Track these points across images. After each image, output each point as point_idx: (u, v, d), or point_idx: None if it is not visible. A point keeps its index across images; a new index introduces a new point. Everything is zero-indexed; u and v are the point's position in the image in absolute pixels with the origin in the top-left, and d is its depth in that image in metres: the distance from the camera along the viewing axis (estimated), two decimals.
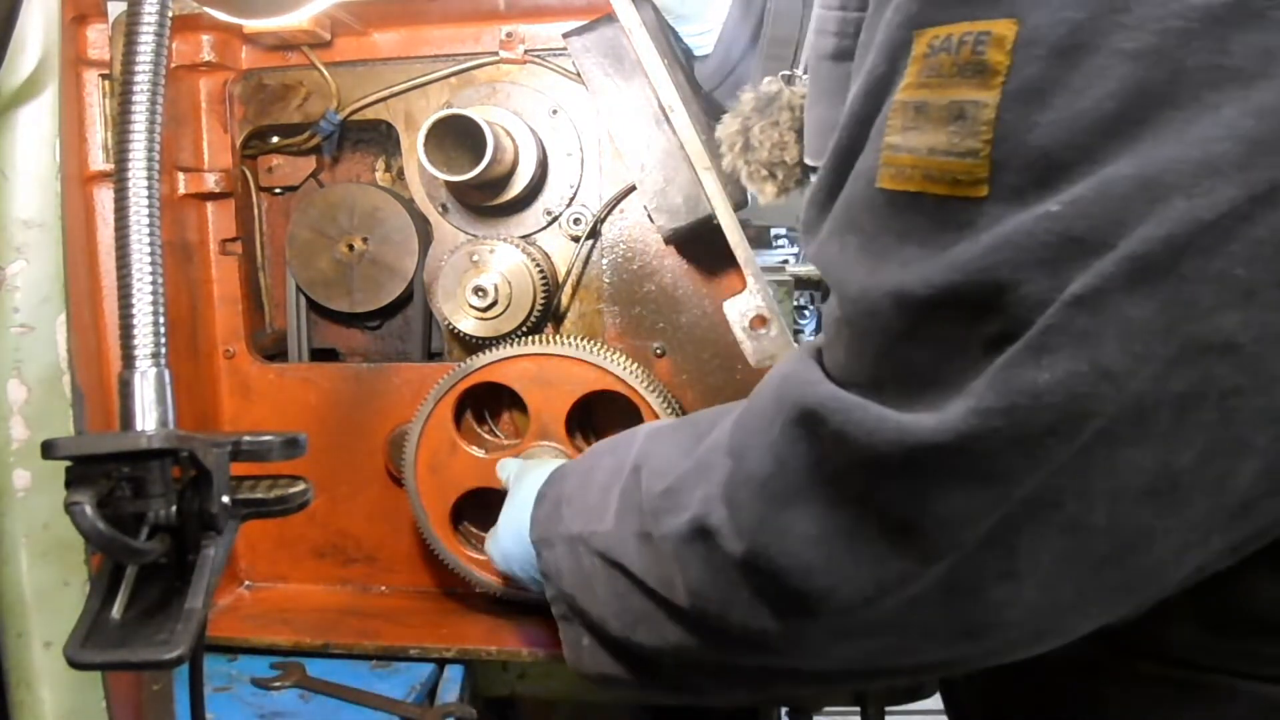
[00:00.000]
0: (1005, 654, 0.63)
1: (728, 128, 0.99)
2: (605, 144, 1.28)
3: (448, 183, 1.25)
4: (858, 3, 0.72)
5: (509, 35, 1.27)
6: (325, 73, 1.30)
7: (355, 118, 1.32)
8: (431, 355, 1.40)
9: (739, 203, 1.17)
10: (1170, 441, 0.50)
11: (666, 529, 0.74)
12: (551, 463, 1.08)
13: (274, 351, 1.41)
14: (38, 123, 0.88)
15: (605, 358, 1.20)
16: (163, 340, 0.63)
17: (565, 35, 1.17)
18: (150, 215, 0.63)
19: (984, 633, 0.60)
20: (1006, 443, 0.51)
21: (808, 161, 0.87)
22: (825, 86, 0.79)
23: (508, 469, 1.16)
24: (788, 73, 0.97)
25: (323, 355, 1.45)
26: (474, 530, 1.31)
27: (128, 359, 0.62)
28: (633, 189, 1.25)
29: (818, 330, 1.79)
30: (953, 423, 0.52)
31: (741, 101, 0.97)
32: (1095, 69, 0.49)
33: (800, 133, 0.92)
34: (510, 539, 1.02)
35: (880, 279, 0.57)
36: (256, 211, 1.39)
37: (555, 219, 1.30)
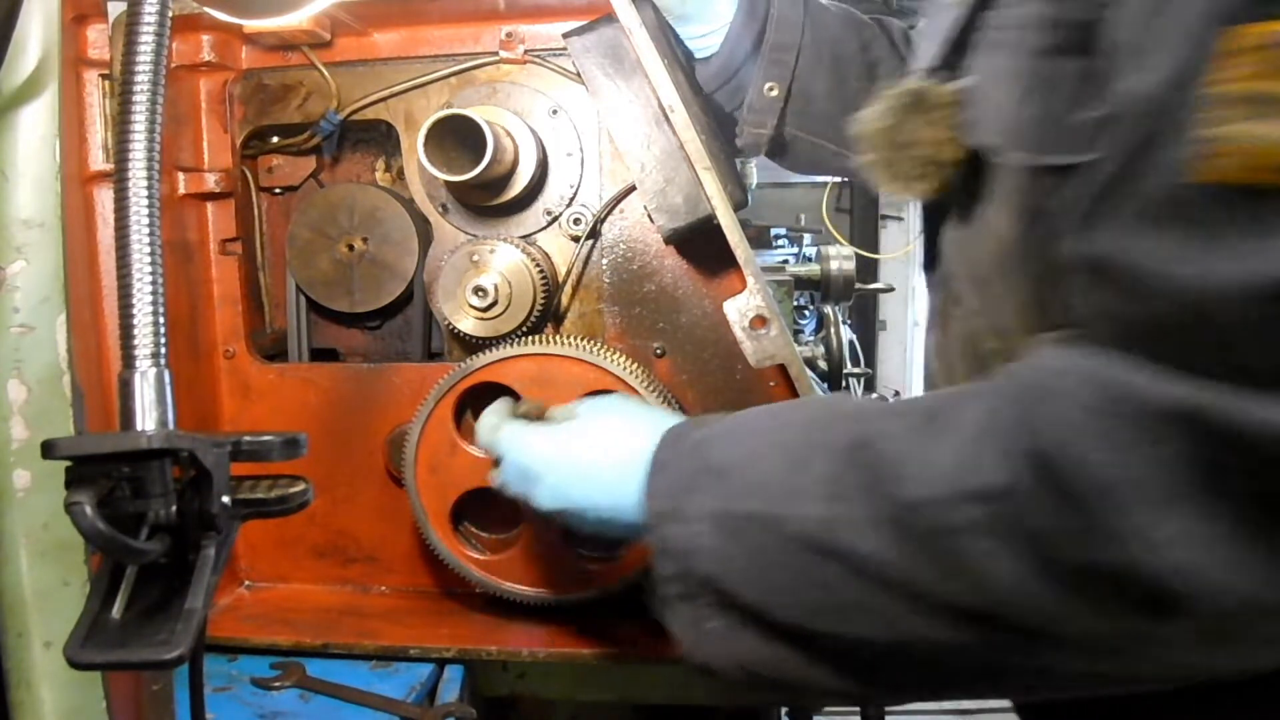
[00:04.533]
0: None
1: (870, 124, 0.91)
2: (605, 144, 1.28)
3: (448, 183, 1.25)
4: None
5: (509, 35, 1.27)
6: (325, 73, 1.30)
7: (355, 118, 1.32)
8: (431, 355, 1.40)
9: (739, 203, 1.17)
10: None
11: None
12: (637, 412, 0.97)
13: (274, 351, 1.41)
14: (38, 123, 0.87)
15: (605, 358, 1.20)
16: (163, 340, 0.63)
17: (565, 35, 1.17)
18: (150, 215, 0.63)
19: None
20: None
21: (1019, 161, 0.82)
22: (1031, 84, 0.76)
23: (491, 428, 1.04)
24: (926, 66, 0.93)
25: (323, 355, 1.45)
26: (474, 530, 1.31)
27: (128, 359, 0.62)
28: (633, 189, 1.25)
29: (818, 330, 1.77)
30: None
31: (883, 98, 0.90)
32: None
33: (958, 130, 0.87)
34: (593, 487, 0.91)
35: (1217, 274, 0.55)
36: (256, 211, 1.39)
37: (555, 219, 1.30)
